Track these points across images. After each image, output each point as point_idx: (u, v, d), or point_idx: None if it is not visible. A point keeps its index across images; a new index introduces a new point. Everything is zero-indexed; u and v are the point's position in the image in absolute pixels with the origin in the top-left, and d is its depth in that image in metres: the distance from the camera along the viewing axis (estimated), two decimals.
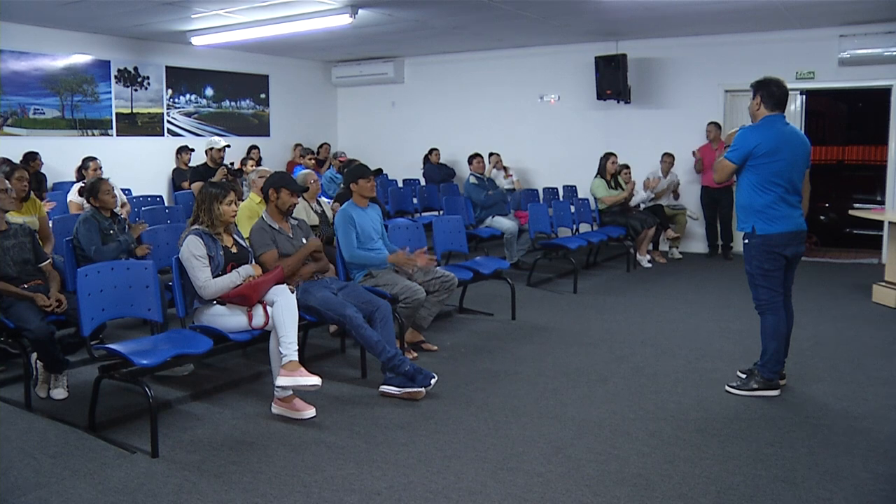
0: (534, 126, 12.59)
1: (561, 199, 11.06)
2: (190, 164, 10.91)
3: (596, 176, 10.23)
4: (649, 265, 10.14)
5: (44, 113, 10.41)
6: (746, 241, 4.93)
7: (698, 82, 11.10)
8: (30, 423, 4.58)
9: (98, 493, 3.65)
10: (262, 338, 4.73)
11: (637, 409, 4.76)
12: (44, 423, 4.58)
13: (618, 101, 11.51)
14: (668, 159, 10.69)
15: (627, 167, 10.31)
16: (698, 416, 4.62)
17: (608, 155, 10.20)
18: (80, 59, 10.76)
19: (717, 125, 10.62)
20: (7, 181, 5.28)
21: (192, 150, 11.14)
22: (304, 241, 5.42)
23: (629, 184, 10.18)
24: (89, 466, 3.95)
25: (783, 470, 3.85)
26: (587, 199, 10.45)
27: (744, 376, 5.10)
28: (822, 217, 12.43)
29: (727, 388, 5.04)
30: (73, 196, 8.01)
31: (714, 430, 4.40)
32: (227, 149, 9.83)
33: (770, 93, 4.83)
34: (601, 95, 11.48)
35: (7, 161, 8.00)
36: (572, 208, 10.06)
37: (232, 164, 10.53)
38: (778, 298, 4.92)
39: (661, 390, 5.11)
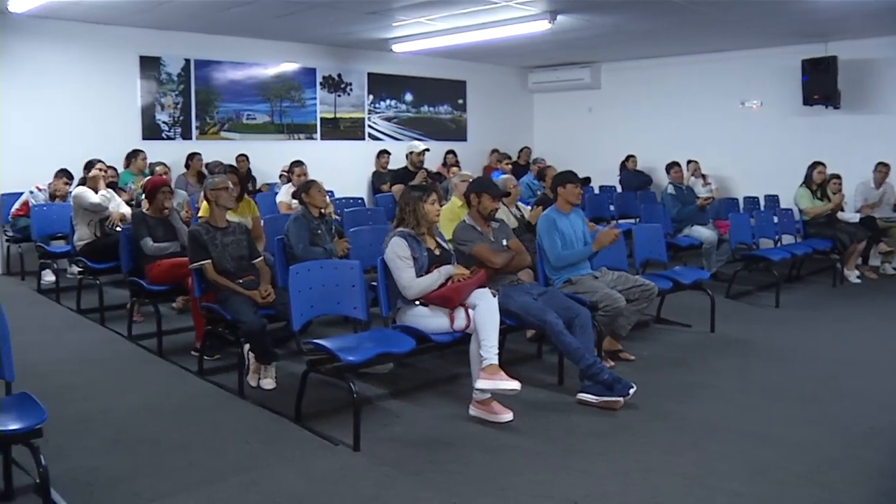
0: (734, 133, 12.06)
1: (762, 208, 10.58)
2: (388, 168, 11.23)
3: (801, 185, 9.69)
4: (858, 280, 9.49)
5: (255, 118, 11.08)
6: None
7: None
8: (242, 409, 4.85)
9: (304, 481, 3.80)
10: (461, 340, 4.76)
11: (844, 433, 4.43)
12: (254, 410, 4.82)
13: (826, 107, 10.83)
14: (882, 170, 9.97)
15: (838, 177, 9.67)
16: None
17: (815, 164, 9.61)
18: (289, 67, 11.38)
19: None
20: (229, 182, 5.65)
21: (390, 153, 11.46)
22: (505, 242, 5.43)
23: (837, 195, 9.56)
24: (296, 454, 4.12)
25: None
26: (791, 210, 9.92)
27: None
28: None
29: None
30: (282, 196, 8.42)
31: None
32: (426, 153, 10.04)
33: None
34: (808, 101, 10.87)
35: (220, 164, 8.59)
36: (775, 219, 9.61)
37: (439, 172, 10.76)
38: None
39: (871, 415, 4.73)
